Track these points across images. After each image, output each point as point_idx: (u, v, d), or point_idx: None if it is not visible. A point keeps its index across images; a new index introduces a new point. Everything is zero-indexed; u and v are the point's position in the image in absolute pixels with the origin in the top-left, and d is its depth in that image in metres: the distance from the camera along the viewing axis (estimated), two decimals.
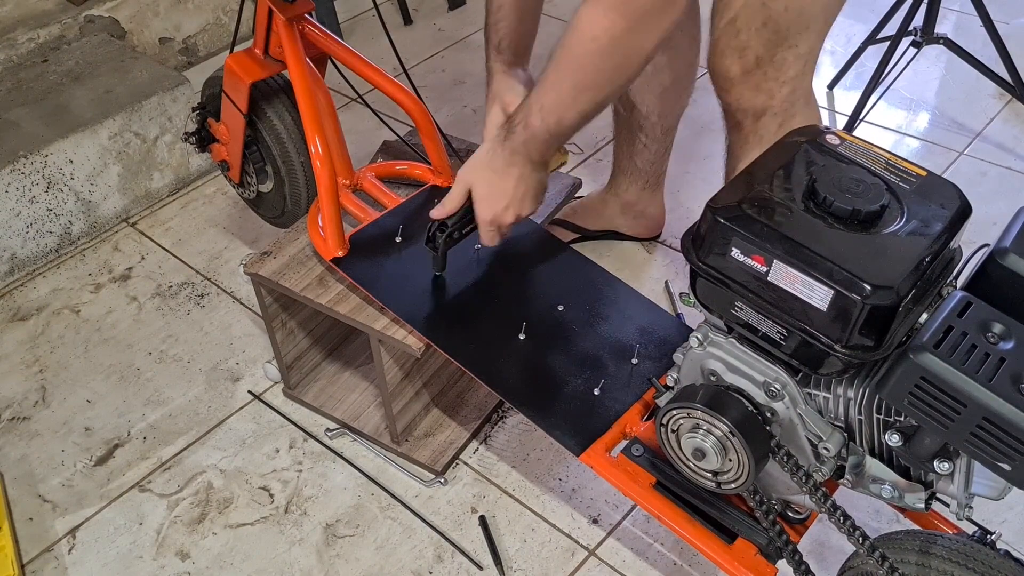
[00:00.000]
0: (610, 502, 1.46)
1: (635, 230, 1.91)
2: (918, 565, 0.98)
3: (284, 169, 1.65)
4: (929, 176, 1.01)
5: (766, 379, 1.02)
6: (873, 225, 0.94)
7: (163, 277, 1.94)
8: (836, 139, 1.04)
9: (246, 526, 1.47)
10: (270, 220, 1.83)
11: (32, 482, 1.55)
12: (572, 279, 1.42)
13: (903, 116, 2.29)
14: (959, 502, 0.97)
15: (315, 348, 1.64)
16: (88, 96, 2.06)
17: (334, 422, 1.60)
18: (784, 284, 0.93)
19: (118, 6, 2.39)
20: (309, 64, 1.49)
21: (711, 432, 1.04)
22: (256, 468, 1.55)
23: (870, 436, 1.01)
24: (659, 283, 1.84)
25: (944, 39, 2.13)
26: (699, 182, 2.09)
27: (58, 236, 2.00)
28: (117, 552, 1.45)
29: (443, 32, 2.74)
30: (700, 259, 1.00)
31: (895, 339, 0.93)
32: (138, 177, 2.10)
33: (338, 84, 1.64)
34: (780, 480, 1.10)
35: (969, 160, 2.13)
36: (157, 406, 1.67)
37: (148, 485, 1.54)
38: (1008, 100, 2.27)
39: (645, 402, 1.25)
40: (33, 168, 1.91)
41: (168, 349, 1.78)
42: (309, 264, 1.46)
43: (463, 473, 1.52)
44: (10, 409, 1.68)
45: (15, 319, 1.87)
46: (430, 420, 1.57)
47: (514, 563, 1.39)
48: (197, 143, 1.77)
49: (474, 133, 2.24)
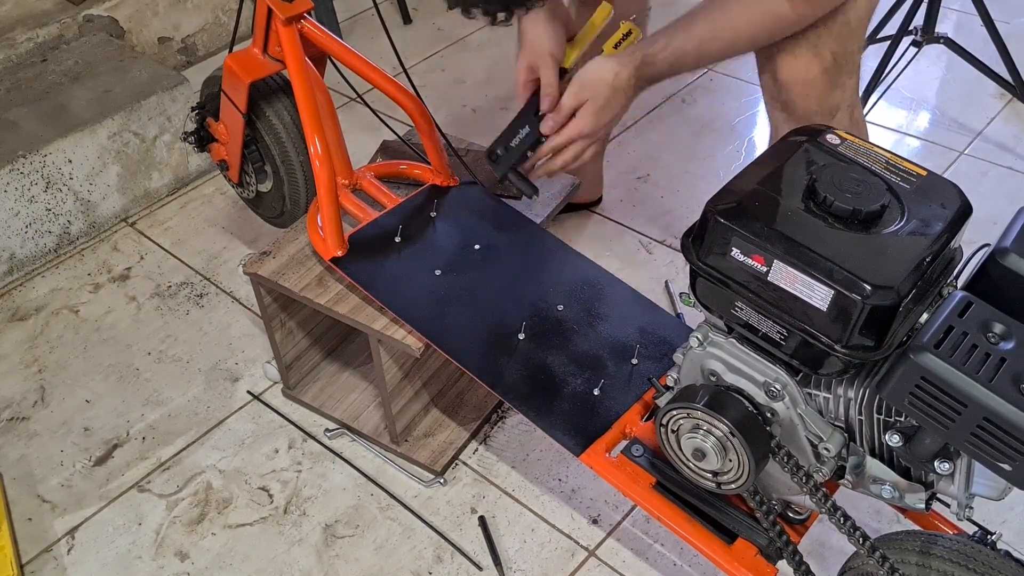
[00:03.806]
0: (610, 502, 1.46)
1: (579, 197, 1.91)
2: (918, 565, 0.98)
3: (283, 169, 1.65)
4: (929, 176, 1.00)
5: (766, 379, 1.02)
6: (873, 225, 0.94)
7: (162, 277, 1.94)
8: (836, 139, 1.04)
9: (245, 526, 1.47)
10: (269, 220, 1.83)
11: (31, 482, 1.55)
12: (572, 279, 1.42)
13: (903, 116, 2.29)
14: (959, 502, 0.97)
15: (314, 348, 1.64)
16: (87, 96, 2.06)
17: (333, 422, 1.60)
18: (784, 284, 0.93)
19: (117, 6, 2.38)
20: (308, 63, 1.48)
21: (711, 432, 1.04)
22: (255, 468, 1.55)
23: (870, 436, 1.01)
24: (659, 283, 1.84)
25: (944, 38, 2.13)
26: (699, 182, 2.09)
27: (57, 236, 2.00)
28: (116, 552, 1.44)
29: (443, 31, 2.73)
30: (700, 259, 1.00)
31: (895, 339, 0.93)
32: (137, 177, 2.09)
33: (338, 84, 1.63)
34: (780, 480, 1.10)
35: (969, 160, 2.13)
36: (156, 406, 1.67)
37: (147, 485, 1.54)
38: (1008, 100, 2.27)
39: (645, 402, 1.25)
40: (32, 168, 1.91)
41: (167, 349, 1.77)
42: (308, 264, 1.45)
43: (463, 473, 1.52)
44: (9, 409, 1.68)
45: (14, 319, 1.87)
46: (430, 420, 1.56)
47: (514, 563, 1.39)
48: (196, 143, 1.77)
49: (474, 133, 2.24)
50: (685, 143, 2.22)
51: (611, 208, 2.04)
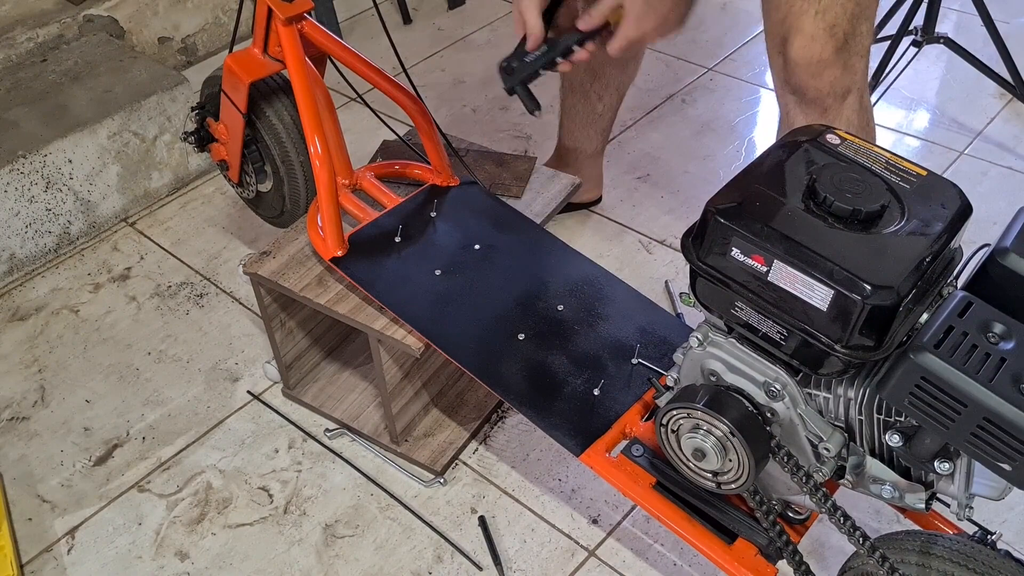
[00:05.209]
0: (610, 502, 1.46)
1: (579, 197, 1.91)
2: (918, 565, 0.98)
3: (283, 169, 1.65)
4: (929, 176, 1.00)
5: (766, 379, 1.02)
6: (873, 225, 0.94)
7: (162, 277, 1.94)
8: (836, 139, 1.04)
9: (245, 526, 1.47)
10: (269, 220, 1.83)
11: (31, 482, 1.55)
12: (572, 279, 1.42)
13: (903, 116, 2.29)
14: (959, 502, 0.97)
15: (314, 348, 1.64)
16: (87, 96, 2.06)
17: (333, 422, 1.60)
18: (784, 284, 0.93)
19: (117, 5, 2.38)
20: (308, 63, 1.48)
21: (711, 432, 1.04)
22: (255, 468, 1.55)
23: (870, 436, 1.01)
24: (659, 283, 1.84)
25: (944, 38, 2.13)
26: (699, 182, 2.09)
27: (57, 236, 2.00)
28: (116, 552, 1.44)
29: (443, 32, 2.73)
30: (700, 259, 1.00)
31: (895, 339, 0.93)
32: (137, 177, 2.09)
33: (338, 84, 1.63)
34: (780, 480, 1.10)
35: (969, 160, 2.13)
36: (156, 406, 1.67)
37: (147, 485, 1.54)
38: (1008, 100, 2.27)
39: (645, 402, 1.25)
40: (32, 168, 1.91)
41: (167, 349, 1.77)
42: (308, 264, 1.45)
43: (463, 473, 1.52)
44: (9, 409, 1.68)
45: (14, 319, 1.87)
46: (429, 420, 1.56)
47: (514, 563, 1.39)
48: (196, 143, 1.77)
49: (474, 133, 2.24)
50: (685, 143, 2.22)
51: (611, 208, 2.04)
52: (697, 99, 2.37)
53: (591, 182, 1.96)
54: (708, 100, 2.36)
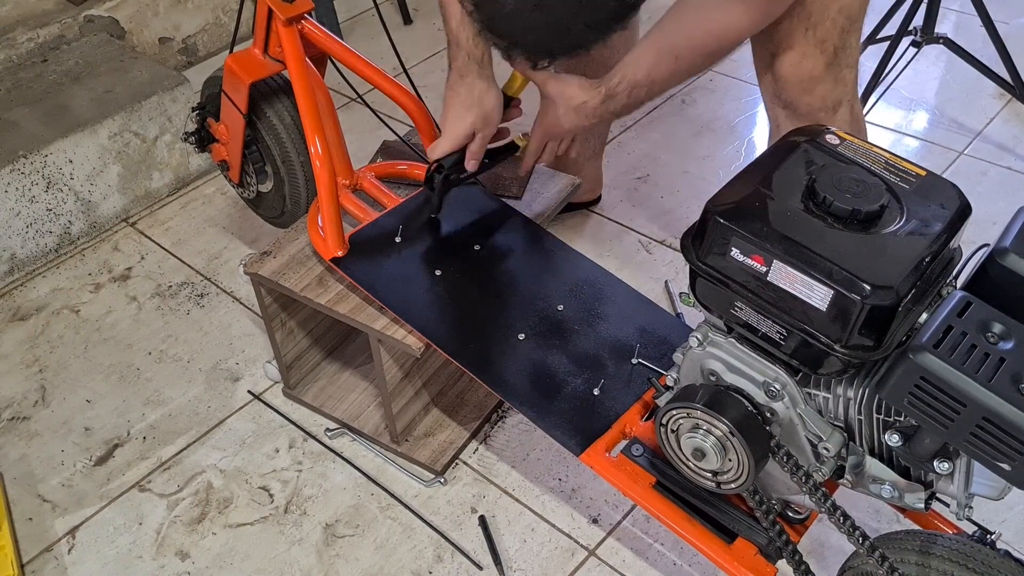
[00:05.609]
0: (610, 502, 1.46)
1: (578, 197, 1.92)
2: (918, 565, 0.98)
3: (284, 169, 1.65)
4: (929, 176, 1.01)
5: (766, 379, 1.02)
6: (873, 225, 0.94)
7: (163, 277, 1.94)
8: (836, 139, 1.04)
9: (246, 526, 1.47)
10: (270, 220, 1.83)
11: (32, 482, 1.55)
12: (572, 279, 1.42)
13: (903, 116, 2.29)
14: (959, 502, 0.97)
15: (315, 348, 1.64)
16: (88, 96, 2.06)
17: (334, 422, 1.60)
18: (784, 284, 0.93)
19: (118, 6, 2.39)
20: (309, 64, 1.49)
21: (711, 432, 1.04)
22: (256, 468, 1.55)
23: (870, 436, 1.01)
24: (659, 283, 1.84)
25: (944, 39, 2.13)
26: (699, 182, 2.09)
27: (58, 236, 2.00)
28: (117, 552, 1.45)
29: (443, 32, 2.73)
30: (700, 259, 1.00)
31: (895, 339, 0.93)
32: (138, 177, 2.10)
33: (338, 84, 1.63)
34: (780, 480, 1.10)
35: (969, 160, 2.13)
36: (157, 406, 1.67)
37: (148, 485, 1.54)
38: (1008, 100, 2.27)
39: (645, 402, 1.25)
40: (33, 168, 1.91)
41: (168, 349, 1.78)
42: (309, 264, 1.46)
43: (463, 473, 1.52)
44: (10, 409, 1.68)
45: (15, 319, 1.87)
46: (430, 420, 1.57)
47: (514, 563, 1.39)
48: (197, 143, 1.77)
49: None
50: (685, 143, 2.22)
51: (611, 208, 2.04)
52: (697, 99, 2.37)
53: (590, 182, 1.97)
54: (708, 100, 2.36)
